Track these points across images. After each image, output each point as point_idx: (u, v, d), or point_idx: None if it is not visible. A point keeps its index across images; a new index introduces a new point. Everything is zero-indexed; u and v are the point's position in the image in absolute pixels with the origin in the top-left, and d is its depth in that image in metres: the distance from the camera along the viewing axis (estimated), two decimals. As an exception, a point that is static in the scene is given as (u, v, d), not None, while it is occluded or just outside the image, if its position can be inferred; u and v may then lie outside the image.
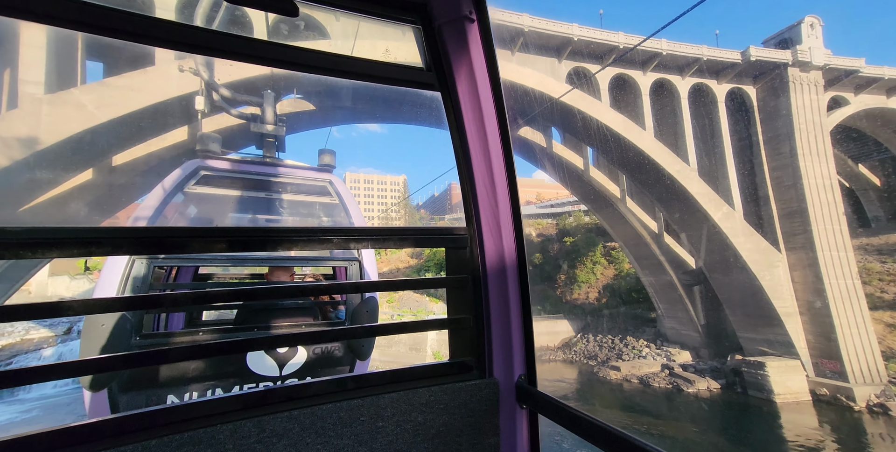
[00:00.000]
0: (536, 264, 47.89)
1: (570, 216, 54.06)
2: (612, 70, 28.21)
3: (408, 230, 1.36)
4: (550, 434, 9.80)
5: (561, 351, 37.70)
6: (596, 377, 32.01)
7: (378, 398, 1.14)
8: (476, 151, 1.37)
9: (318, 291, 1.47)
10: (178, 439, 0.91)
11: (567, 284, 44.36)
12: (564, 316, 40.60)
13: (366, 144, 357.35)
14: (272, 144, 6.71)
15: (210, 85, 8.01)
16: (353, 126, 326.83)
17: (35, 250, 0.88)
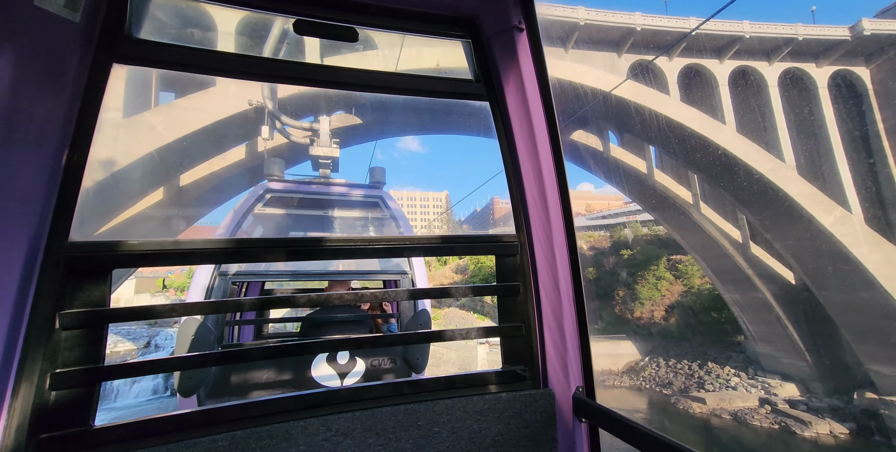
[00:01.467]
0: (590, 279, 41.96)
1: (625, 228, 47.50)
2: (682, 61, 23.18)
3: (458, 238, 1.33)
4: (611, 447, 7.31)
5: (627, 377, 31.29)
6: (674, 408, 25.57)
7: (433, 403, 1.13)
8: (525, 160, 1.31)
9: (375, 298, 1.40)
10: (259, 432, 0.97)
11: (627, 301, 38.00)
12: (628, 337, 34.14)
13: (407, 164, 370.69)
14: (327, 165, 6.94)
15: (273, 114, 8.47)
16: (395, 147, 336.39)
17: (154, 260, 1.03)
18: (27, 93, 0.95)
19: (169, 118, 17.05)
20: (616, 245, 44.48)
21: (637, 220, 48.29)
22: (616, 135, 28.33)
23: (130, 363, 1.03)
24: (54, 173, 0.99)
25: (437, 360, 25.09)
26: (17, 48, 0.92)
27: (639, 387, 29.66)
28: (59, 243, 0.97)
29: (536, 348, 1.26)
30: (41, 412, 0.89)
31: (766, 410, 23.43)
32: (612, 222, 53.38)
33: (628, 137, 27.42)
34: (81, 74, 1.03)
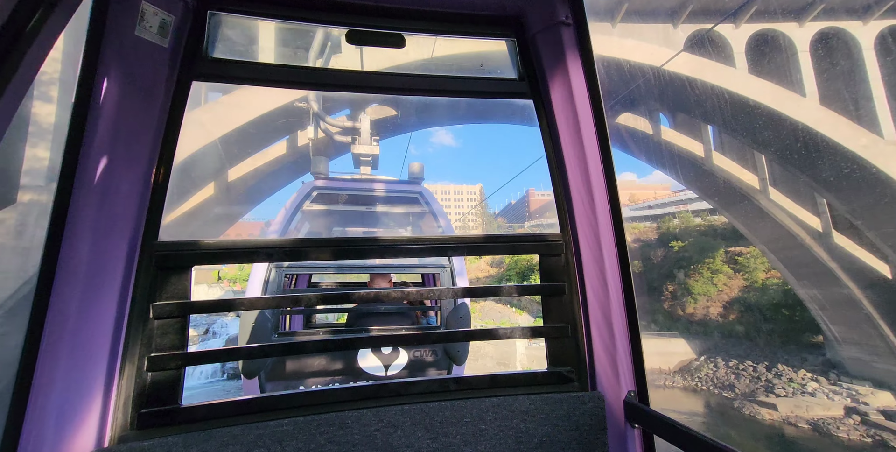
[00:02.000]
0: (636, 273, 38.53)
1: (674, 218, 43.50)
2: (751, 27, 19.91)
3: (501, 238, 1.31)
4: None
5: (680, 377, 28.34)
6: (738, 413, 22.64)
7: (480, 401, 1.13)
8: (570, 156, 1.27)
9: (419, 295, 1.37)
10: (318, 419, 1.04)
11: (678, 296, 34.60)
12: (680, 334, 30.93)
13: (441, 158, 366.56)
14: (368, 162, 7.52)
15: (318, 116, 9.52)
16: (429, 141, 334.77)
17: (226, 258, 1.15)
18: (129, 111, 1.08)
19: (217, 115, 16.81)
20: (664, 237, 40.75)
21: (688, 210, 44.06)
22: (668, 116, 25.32)
23: (209, 351, 1.15)
24: (146, 181, 1.11)
25: (474, 353, 23.83)
26: (122, 73, 1.06)
27: (694, 388, 26.72)
28: (151, 243, 1.11)
29: (584, 349, 1.23)
30: (140, 390, 1.04)
31: (855, 420, 20.00)
32: (660, 213, 49.25)
33: (682, 118, 24.39)
34: (168, 92, 1.15)
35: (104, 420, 0.97)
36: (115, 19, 1.03)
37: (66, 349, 0.94)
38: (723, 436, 20.00)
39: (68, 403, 0.92)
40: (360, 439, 1.04)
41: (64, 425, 0.90)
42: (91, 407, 0.95)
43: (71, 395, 0.92)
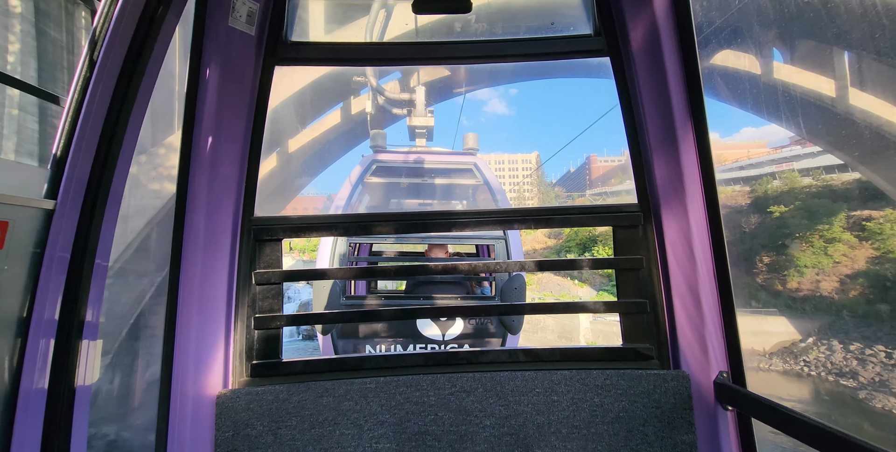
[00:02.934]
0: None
1: (774, 179, 35.31)
2: None
3: (570, 209, 1.24)
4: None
5: (779, 359, 23.28)
6: (867, 406, 17.99)
7: (551, 373, 1.11)
8: (652, 115, 1.14)
9: (486, 268, 1.34)
10: (396, 380, 1.10)
11: (776, 269, 28.31)
12: (780, 312, 25.26)
13: (494, 128, 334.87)
14: (423, 134, 7.19)
15: (376, 90, 8.93)
16: (481, 111, 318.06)
17: (310, 231, 1.23)
18: (226, 97, 1.17)
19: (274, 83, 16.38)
20: (759, 202, 33.37)
21: (793, 168, 35.49)
22: (783, 48, 19.04)
23: (301, 314, 1.50)
24: (242, 161, 1.21)
25: (532, 326, 21.77)
26: (220, 62, 1.15)
27: (798, 373, 21.80)
28: (249, 218, 1.21)
29: (665, 326, 1.15)
30: (250, 345, 1.15)
31: None
32: (754, 174, 40.43)
33: (804, 49, 18.15)
34: (255, 76, 1.23)
35: (227, 368, 1.13)
36: (212, 13, 1.15)
37: (194, 307, 1.10)
38: (850, 430, 15.53)
39: (201, 351, 1.09)
40: (436, 401, 1.10)
41: (199, 368, 1.07)
42: (216, 356, 1.11)
43: (201, 345, 1.09)
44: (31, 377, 0.91)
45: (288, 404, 1.08)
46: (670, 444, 1.05)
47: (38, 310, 0.94)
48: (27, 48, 3.04)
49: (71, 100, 1.03)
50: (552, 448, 1.07)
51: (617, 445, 1.06)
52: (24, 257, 0.92)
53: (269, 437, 1.06)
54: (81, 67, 1.04)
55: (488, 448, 1.08)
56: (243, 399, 1.08)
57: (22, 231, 0.91)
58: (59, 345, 0.96)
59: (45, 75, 3.15)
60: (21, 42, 3.03)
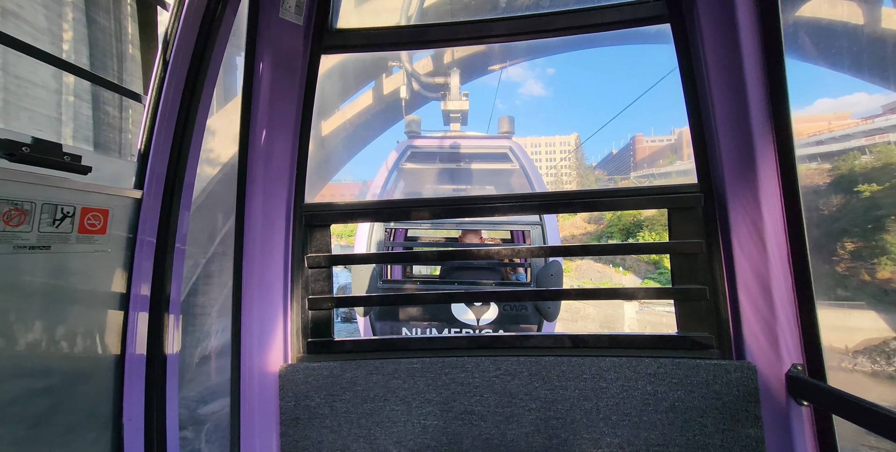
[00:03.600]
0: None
1: (863, 154, 31.12)
2: None
3: (619, 191, 1.18)
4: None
5: (865, 358, 20.89)
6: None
7: (598, 360, 1.09)
8: (720, 85, 1.05)
9: (528, 253, 1.31)
10: (441, 362, 1.13)
11: (864, 256, 25.26)
12: (869, 305, 22.62)
13: (530, 111, 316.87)
14: (458, 118, 7.08)
15: (412, 75, 8.85)
16: (516, 93, 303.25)
17: (355, 217, 1.28)
18: (277, 87, 1.22)
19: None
20: (843, 180, 29.63)
21: (889, 141, 31.01)
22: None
23: (349, 297, 1.38)
24: (293, 150, 1.27)
25: (572, 314, 21.21)
26: (272, 53, 1.21)
27: (891, 375, 19.43)
28: (300, 204, 1.28)
29: (726, 315, 1.09)
30: (305, 324, 1.24)
31: None
32: (837, 149, 35.79)
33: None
34: (304, 65, 1.27)
35: (286, 344, 1.22)
36: (264, 7, 1.20)
37: (255, 288, 1.18)
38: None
39: (263, 328, 1.18)
40: (480, 382, 1.12)
41: (262, 344, 1.17)
42: (276, 333, 1.20)
43: (263, 323, 1.18)
44: (133, 345, 1.06)
45: (341, 379, 1.17)
46: (733, 437, 1.01)
47: (135, 288, 1.08)
48: (79, 36, 3.26)
49: (150, 98, 1.14)
50: (601, 433, 1.06)
51: (672, 434, 1.03)
52: (120, 242, 1.06)
53: (326, 409, 1.15)
54: (157, 66, 1.14)
55: (534, 431, 1.09)
56: (301, 373, 1.17)
57: (118, 218, 1.05)
58: (153, 318, 1.11)
59: (96, 63, 3.36)
60: (73, 30, 3.25)
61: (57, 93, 3.15)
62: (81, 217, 0.94)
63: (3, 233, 0.78)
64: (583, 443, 1.07)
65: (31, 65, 2.94)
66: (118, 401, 1.02)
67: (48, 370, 0.87)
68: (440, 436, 1.12)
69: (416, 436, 1.13)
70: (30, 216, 0.82)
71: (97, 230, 0.98)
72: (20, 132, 0.85)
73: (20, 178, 0.81)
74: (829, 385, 0.92)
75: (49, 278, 0.88)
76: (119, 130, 3.34)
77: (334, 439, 1.14)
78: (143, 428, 1.06)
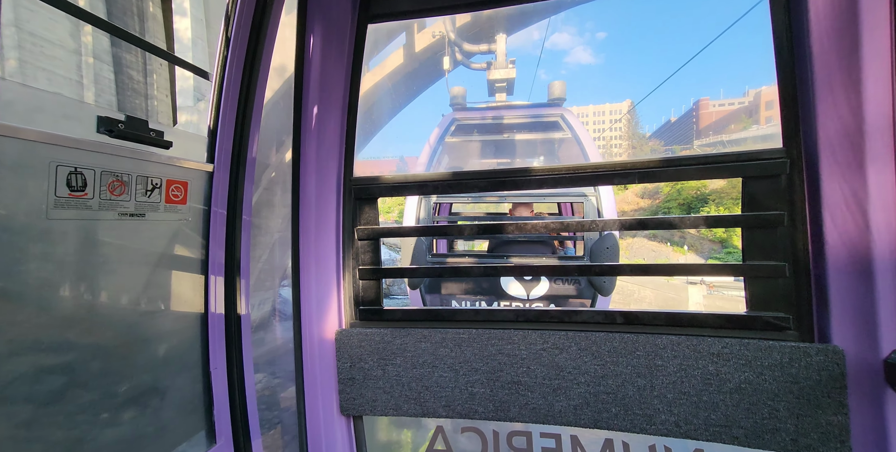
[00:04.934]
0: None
1: None
2: None
3: (685, 160, 1.08)
4: None
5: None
6: None
7: (654, 337, 1.07)
8: (822, 29, 0.93)
9: (583, 226, 1.33)
10: (488, 333, 1.17)
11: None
12: None
13: (579, 80, 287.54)
14: (503, 88, 6.80)
15: (454, 44, 8.36)
16: (562, 62, 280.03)
17: (401, 190, 1.31)
18: (328, 59, 1.26)
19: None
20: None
21: None
22: None
23: (397, 268, 1.35)
24: (342, 122, 1.31)
25: (625, 297, 20.35)
26: (321, 26, 1.25)
27: None
28: (349, 178, 1.32)
29: (810, 294, 1.01)
30: (356, 292, 1.32)
31: None
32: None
33: None
34: (351, 37, 1.30)
35: (340, 311, 1.31)
36: None
37: (312, 258, 1.27)
38: None
39: (320, 296, 1.28)
40: (527, 354, 1.14)
41: (320, 310, 1.28)
42: (331, 301, 1.30)
43: (320, 291, 1.28)
44: (213, 304, 1.21)
45: (392, 345, 1.24)
46: (811, 423, 0.96)
47: (212, 253, 1.21)
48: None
49: (216, 75, 1.22)
50: (655, 411, 1.05)
51: (737, 416, 1.00)
52: (198, 212, 1.18)
53: (379, 371, 1.24)
54: (220, 45, 1.22)
55: (583, 404, 1.10)
56: (356, 338, 1.26)
57: (195, 190, 1.17)
58: (228, 281, 1.24)
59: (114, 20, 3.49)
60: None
61: (76, 53, 3.25)
62: (167, 188, 1.06)
63: (109, 201, 0.91)
64: (635, 418, 1.06)
65: (47, 22, 3.04)
66: (205, 353, 1.18)
67: (147, 323, 1.02)
68: (487, 403, 1.18)
69: (464, 401, 1.19)
70: (128, 187, 0.95)
71: (179, 200, 1.11)
72: (108, 109, 0.95)
73: (118, 152, 0.93)
74: None
75: (145, 244, 1.02)
76: (145, 96, 3.56)
77: (387, 399, 1.24)
78: (226, 376, 1.22)
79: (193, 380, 1.14)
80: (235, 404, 1.24)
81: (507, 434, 1.28)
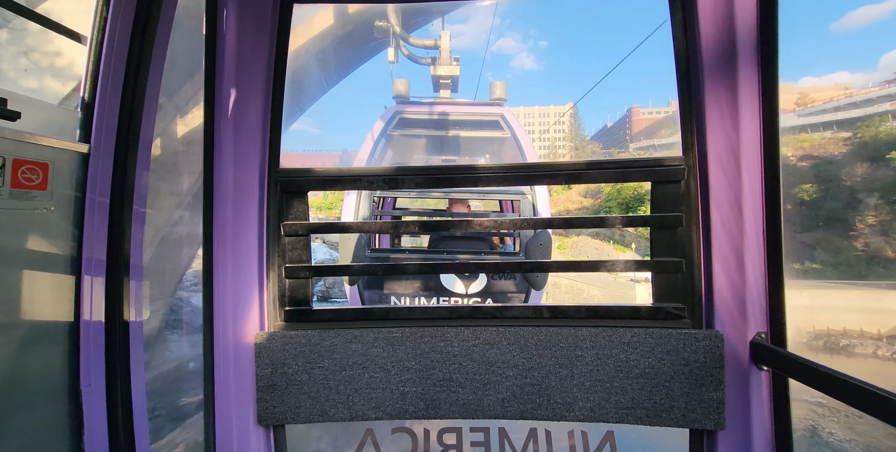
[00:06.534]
0: (805, 202, 29.05)
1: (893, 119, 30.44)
2: None
3: (605, 163, 1.20)
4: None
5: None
6: None
7: (575, 329, 1.16)
8: (711, 58, 1.07)
9: (512, 225, 1.34)
10: (422, 331, 1.18)
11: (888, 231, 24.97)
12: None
13: (522, 84, 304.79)
14: (448, 84, 6.81)
15: (400, 37, 7.85)
16: (508, 66, 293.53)
17: (334, 184, 1.26)
18: (245, 42, 1.18)
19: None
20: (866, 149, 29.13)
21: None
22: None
23: (328, 266, 1.36)
24: (265, 110, 1.22)
25: (574, 296, 21.26)
26: (236, 4, 1.16)
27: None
28: (275, 170, 1.24)
29: (700, 286, 1.16)
30: (282, 292, 1.25)
31: None
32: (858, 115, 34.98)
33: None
34: (274, 18, 1.21)
35: (262, 313, 1.23)
36: None
37: (229, 255, 1.19)
38: None
39: (238, 296, 1.20)
40: (460, 351, 1.17)
41: (238, 312, 1.20)
42: (252, 302, 1.21)
43: (238, 291, 1.20)
44: (88, 311, 1.03)
45: (320, 347, 1.19)
46: (696, 399, 1.10)
47: (87, 250, 1.04)
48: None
49: (92, 39, 1.06)
50: (574, 398, 1.14)
51: (640, 398, 1.12)
52: (67, 200, 1.01)
53: (304, 376, 1.18)
54: (97, 2, 1.05)
55: (510, 396, 1.16)
56: (279, 341, 1.19)
57: (61, 174, 0.99)
58: (111, 283, 1.07)
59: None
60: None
61: None
62: (14, 170, 0.89)
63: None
64: (556, 407, 1.15)
65: None
66: (74, 368, 1.00)
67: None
68: (418, 402, 1.18)
69: (395, 402, 1.18)
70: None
71: (36, 186, 0.93)
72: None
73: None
74: (788, 351, 1.01)
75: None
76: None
77: (312, 404, 1.18)
78: (104, 395, 1.05)
79: (56, 400, 0.96)
80: (118, 425, 1.07)
81: (437, 431, 1.31)
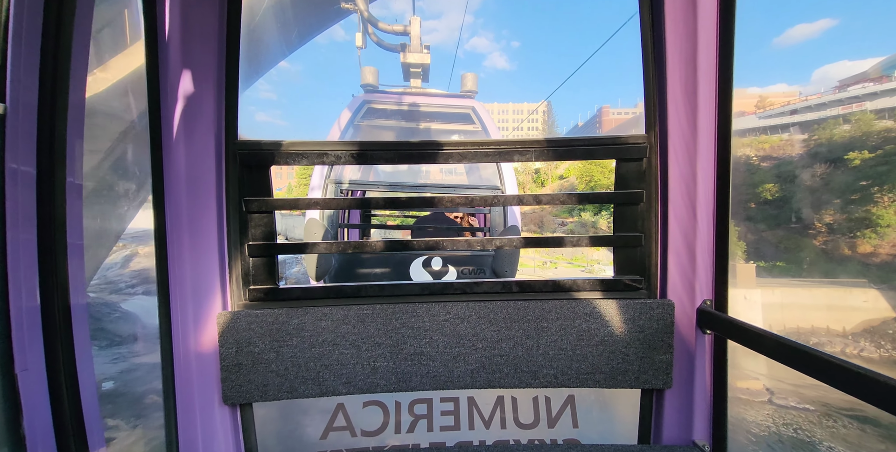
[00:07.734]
0: (769, 201, 30.93)
1: (843, 123, 32.77)
2: None
3: (572, 141, 1.25)
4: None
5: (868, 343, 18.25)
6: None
7: (542, 303, 1.22)
8: (676, 40, 1.15)
9: (484, 201, 1.34)
10: (393, 308, 1.21)
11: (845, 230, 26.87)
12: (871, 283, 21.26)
13: (496, 82, 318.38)
14: (418, 74, 6.79)
15: (368, 20, 7.64)
16: (481, 65, 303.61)
17: (299, 158, 1.22)
18: (194, 13, 1.10)
19: None
20: (820, 150, 31.30)
21: (866, 109, 32.73)
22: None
23: (294, 243, 1.31)
24: (219, 73, 1.16)
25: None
26: None
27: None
28: (232, 141, 1.19)
29: (656, 259, 1.24)
30: (246, 271, 1.22)
31: None
32: (813, 118, 37.44)
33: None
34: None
35: (224, 292, 1.20)
36: None
37: (185, 233, 1.14)
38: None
39: (197, 276, 1.16)
40: (430, 326, 1.21)
41: (198, 292, 1.16)
42: (214, 281, 1.18)
43: (197, 270, 1.16)
44: (18, 290, 0.94)
45: (288, 326, 1.19)
46: (648, 363, 1.21)
47: (12, 228, 0.94)
48: None
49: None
50: (539, 367, 1.22)
51: (599, 364, 1.21)
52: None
53: (272, 354, 1.18)
54: None
55: (479, 367, 1.22)
56: (243, 320, 1.18)
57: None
58: (44, 260, 0.98)
59: None
60: None
61: None
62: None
63: None
64: (522, 376, 1.22)
65: None
66: (7, 352, 0.92)
67: None
68: (390, 376, 1.21)
69: (366, 377, 1.20)
70: None
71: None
72: None
73: None
74: (727, 316, 1.11)
75: None
76: None
77: (280, 382, 1.18)
78: (45, 379, 0.98)
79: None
80: (64, 411, 1.01)
81: (408, 402, 1.37)
